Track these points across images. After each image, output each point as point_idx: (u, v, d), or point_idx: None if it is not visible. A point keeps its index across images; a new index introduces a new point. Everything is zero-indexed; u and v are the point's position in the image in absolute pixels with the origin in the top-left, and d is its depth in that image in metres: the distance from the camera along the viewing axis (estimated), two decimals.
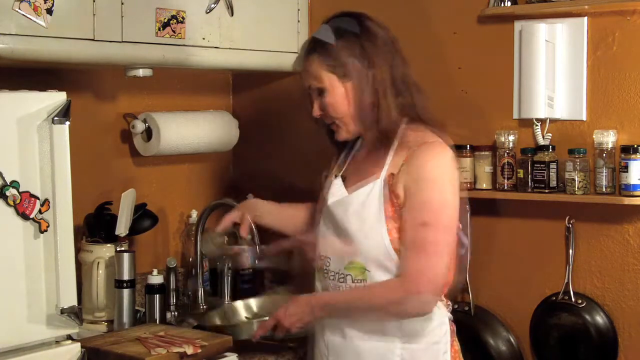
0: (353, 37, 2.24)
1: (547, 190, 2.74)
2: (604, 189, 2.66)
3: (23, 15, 2.37)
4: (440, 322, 2.25)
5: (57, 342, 2.30)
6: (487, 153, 2.86)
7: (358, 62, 2.22)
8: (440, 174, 2.17)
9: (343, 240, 2.23)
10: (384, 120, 2.21)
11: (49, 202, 2.24)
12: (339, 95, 2.24)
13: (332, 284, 2.26)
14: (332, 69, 2.23)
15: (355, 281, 2.21)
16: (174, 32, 2.77)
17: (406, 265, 2.13)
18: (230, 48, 2.97)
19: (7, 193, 2.16)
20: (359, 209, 2.21)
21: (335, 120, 2.28)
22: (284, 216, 2.57)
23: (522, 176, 2.78)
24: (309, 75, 2.27)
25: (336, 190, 2.30)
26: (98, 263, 2.79)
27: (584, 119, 2.77)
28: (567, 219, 2.78)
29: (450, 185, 2.17)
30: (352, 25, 2.25)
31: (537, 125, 2.81)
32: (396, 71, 2.24)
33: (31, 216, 2.21)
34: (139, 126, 3.04)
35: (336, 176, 2.35)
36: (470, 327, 2.84)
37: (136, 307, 2.81)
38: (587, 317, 2.75)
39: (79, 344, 2.34)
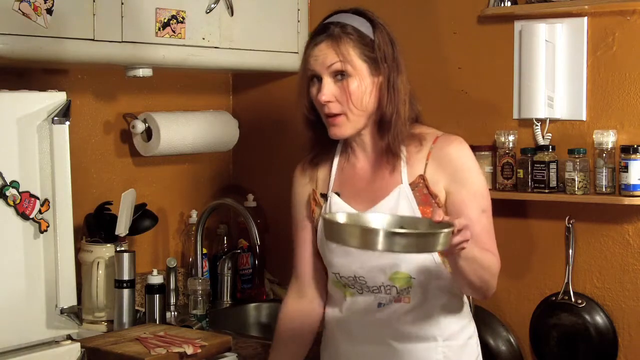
0: (387, 36, 2.14)
1: (547, 190, 2.74)
2: (603, 189, 2.66)
3: (23, 15, 2.37)
4: (470, 317, 2.26)
5: (57, 342, 2.30)
6: (487, 153, 2.86)
7: (390, 63, 2.12)
8: (474, 161, 2.18)
9: (377, 254, 1.99)
10: (399, 127, 2.13)
11: (48, 202, 2.24)
12: (367, 87, 2.11)
13: (378, 297, 2.15)
14: (366, 59, 2.10)
15: (401, 292, 2.14)
16: (174, 32, 2.77)
17: (491, 250, 2.12)
18: (230, 48, 2.97)
19: (7, 193, 2.16)
20: None
21: (346, 112, 2.10)
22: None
23: (522, 176, 2.78)
24: (333, 55, 2.09)
25: (341, 207, 2.17)
26: (98, 263, 2.79)
27: (584, 119, 2.77)
28: (567, 219, 2.78)
29: (480, 169, 2.22)
30: (376, 25, 2.14)
31: (537, 125, 2.81)
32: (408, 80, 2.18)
33: (31, 216, 2.21)
34: (139, 126, 3.03)
35: (324, 195, 2.24)
36: None
37: (136, 307, 2.81)
38: (587, 317, 2.75)
39: (78, 344, 2.34)
